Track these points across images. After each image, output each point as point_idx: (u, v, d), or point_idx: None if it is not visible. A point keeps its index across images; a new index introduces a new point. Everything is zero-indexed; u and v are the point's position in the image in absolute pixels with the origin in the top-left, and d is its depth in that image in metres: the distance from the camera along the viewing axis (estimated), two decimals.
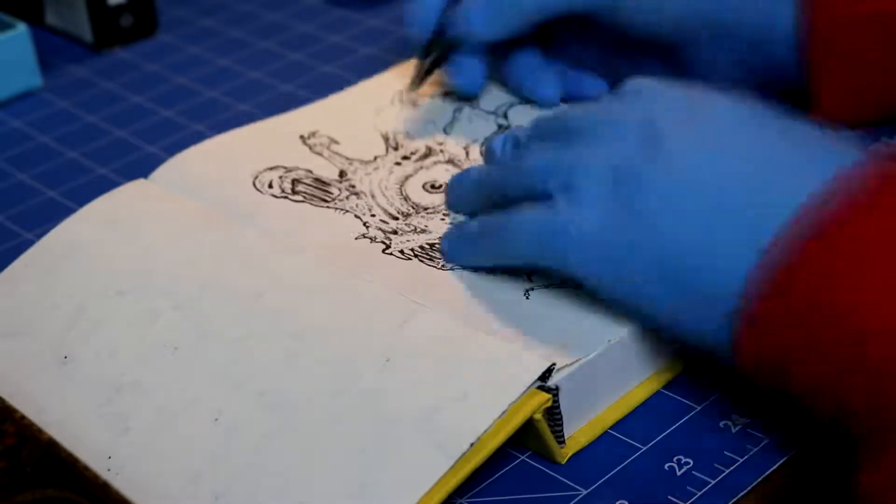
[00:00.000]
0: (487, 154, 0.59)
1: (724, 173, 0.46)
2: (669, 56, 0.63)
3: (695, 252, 0.46)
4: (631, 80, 0.54)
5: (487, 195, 0.54)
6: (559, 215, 0.48)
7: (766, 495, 0.46)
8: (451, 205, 0.57)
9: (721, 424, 0.48)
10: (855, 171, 0.44)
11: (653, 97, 0.51)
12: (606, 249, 0.47)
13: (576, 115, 0.52)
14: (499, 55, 0.65)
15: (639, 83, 0.54)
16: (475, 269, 0.53)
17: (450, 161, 0.61)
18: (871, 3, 0.59)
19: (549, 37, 0.66)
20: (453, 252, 0.54)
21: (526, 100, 0.66)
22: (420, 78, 0.66)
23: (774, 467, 0.46)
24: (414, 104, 0.66)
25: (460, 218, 0.56)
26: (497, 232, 0.51)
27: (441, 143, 0.62)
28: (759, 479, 0.46)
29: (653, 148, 0.48)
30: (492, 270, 0.53)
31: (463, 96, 0.65)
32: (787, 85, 0.63)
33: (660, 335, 0.50)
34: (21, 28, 0.75)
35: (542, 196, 0.50)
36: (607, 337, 0.48)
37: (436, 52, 0.65)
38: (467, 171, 0.57)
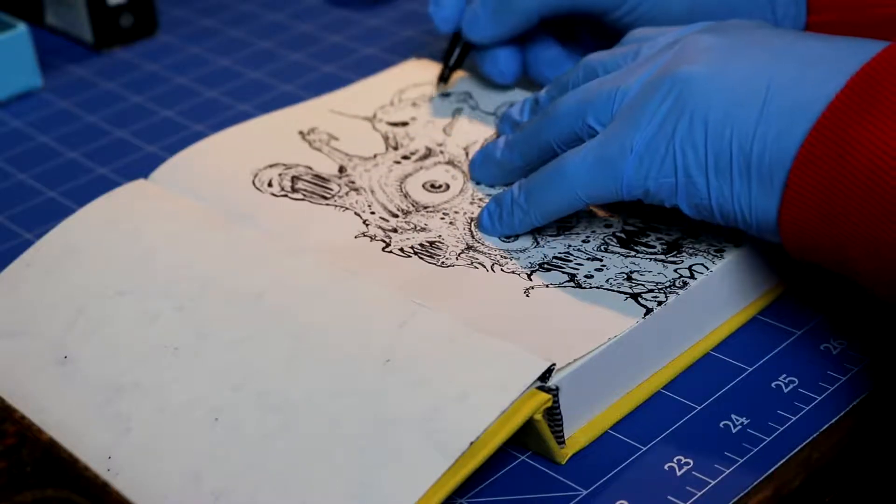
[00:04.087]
0: (504, 121, 0.60)
1: (767, 62, 0.48)
2: None
3: (747, 136, 0.47)
4: (633, 31, 0.56)
5: (520, 155, 0.55)
6: (610, 141, 0.50)
7: (766, 496, 0.46)
8: (476, 177, 0.59)
9: (721, 425, 0.48)
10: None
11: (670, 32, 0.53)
12: (660, 158, 0.49)
13: (596, 60, 0.55)
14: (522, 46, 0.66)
15: (642, 31, 0.56)
16: (475, 267, 0.53)
17: (450, 162, 0.61)
18: (865, 9, 0.60)
19: (565, 31, 0.66)
20: (496, 224, 0.54)
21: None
22: (448, 71, 0.67)
23: (774, 468, 0.46)
24: (414, 104, 0.66)
25: (464, 216, 0.57)
26: (549, 181, 0.52)
27: (441, 144, 0.62)
28: (759, 480, 0.46)
29: (687, 53, 0.50)
30: (491, 268, 0.53)
31: (499, 84, 0.66)
32: None
33: (658, 335, 0.50)
34: (21, 28, 0.75)
35: (583, 134, 0.52)
36: (607, 337, 0.48)
37: (459, 46, 0.66)
38: (493, 143, 0.58)
